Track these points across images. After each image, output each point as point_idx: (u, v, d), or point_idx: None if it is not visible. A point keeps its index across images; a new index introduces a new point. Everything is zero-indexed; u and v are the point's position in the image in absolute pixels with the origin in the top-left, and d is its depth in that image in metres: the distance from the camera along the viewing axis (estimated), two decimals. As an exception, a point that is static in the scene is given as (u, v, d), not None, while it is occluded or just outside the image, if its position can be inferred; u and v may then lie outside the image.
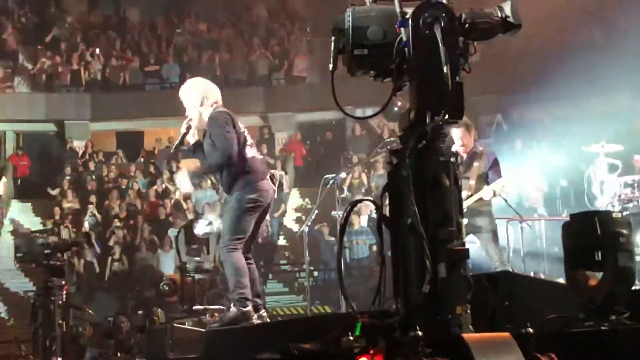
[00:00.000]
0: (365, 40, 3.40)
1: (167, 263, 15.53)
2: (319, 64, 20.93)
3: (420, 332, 2.98)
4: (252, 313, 5.76)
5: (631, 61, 15.18)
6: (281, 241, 18.11)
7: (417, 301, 3.17)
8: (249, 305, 5.74)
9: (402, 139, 3.40)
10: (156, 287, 10.32)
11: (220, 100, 6.10)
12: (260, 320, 5.82)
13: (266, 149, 19.71)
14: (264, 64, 21.91)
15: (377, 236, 3.65)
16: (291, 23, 23.11)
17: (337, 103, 3.55)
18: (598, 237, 3.76)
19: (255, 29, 23.09)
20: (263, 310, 6.06)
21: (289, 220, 18.77)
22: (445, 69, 3.20)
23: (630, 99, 17.73)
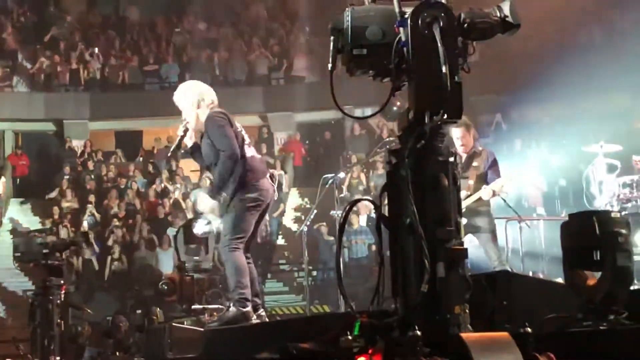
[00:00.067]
0: (364, 40, 3.40)
1: (166, 262, 15.52)
2: (318, 64, 20.94)
3: (419, 332, 2.98)
4: (251, 313, 5.75)
5: (630, 61, 15.18)
6: (280, 241, 18.10)
7: (416, 301, 3.17)
8: (248, 305, 5.74)
9: (401, 138, 3.39)
10: (155, 286, 10.31)
11: (216, 100, 6.09)
12: (259, 320, 5.81)
13: (265, 148, 19.70)
14: (263, 64, 21.90)
15: (376, 236, 3.65)
16: (290, 23, 23.10)
17: (336, 103, 3.55)
18: (597, 236, 3.76)
19: (254, 28, 23.08)
20: (262, 309, 6.06)
21: (288, 219, 18.77)
22: (444, 68, 3.20)
23: (630, 99, 17.73)
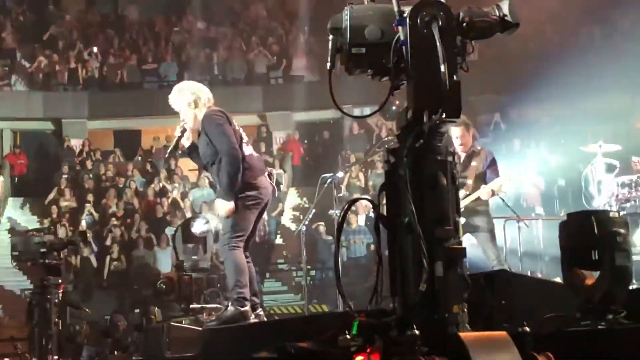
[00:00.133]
0: (363, 39, 3.39)
1: (164, 261, 15.52)
2: (317, 63, 20.93)
3: (417, 331, 2.97)
4: (249, 313, 5.74)
5: (630, 61, 15.19)
6: (279, 240, 18.10)
7: (414, 300, 3.16)
8: (247, 304, 5.73)
9: (400, 137, 3.39)
10: (153, 285, 10.28)
11: (212, 98, 6.07)
12: (257, 319, 5.81)
13: (264, 147, 19.71)
14: (262, 63, 21.89)
15: (375, 235, 3.65)
16: (289, 22, 23.09)
17: (335, 102, 3.55)
18: (595, 236, 3.76)
19: (253, 27, 23.07)
20: (260, 309, 6.05)
21: (287, 219, 18.76)
22: (442, 67, 3.19)
23: (629, 99, 17.74)
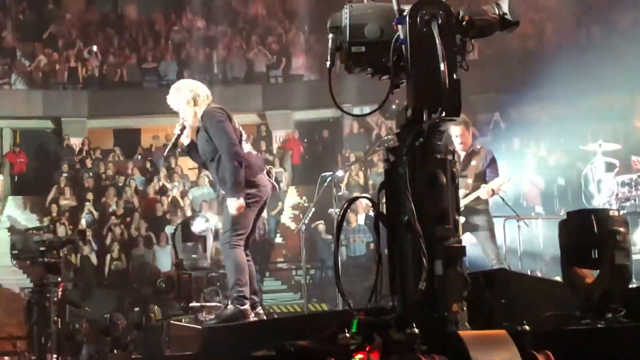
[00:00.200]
0: (362, 37, 3.39)
1: (164, 259, 15.52)
2: (317, 62, 20.93)
3: (416, 330, 2.97)
4: (249, 311, 5.74)
5: (630, 60, 15.18)
6: (278, 239, 18.10)
7: (414, 298, 3.16)
8: (246, 303, 5.73)
9: (399, 136, 3.38)
10: (153, 284, 10.29)
11: (210, 95, 6.08)
12: (257, 318, 5.81)
13: (264, 146, 19.71)
14: (261, 62, 21.89)
15: (374, 234, 3.65)
16: (289, 21, 23.09)
17: (335, 100, 3.54)
18: (595, 235, 3.75)
19: (253, 26, 23.06)
20: (260, 307, 6.05)
21: (286, 218, 18.77)
22: (442, 66, 3.19)
23: (629, 98, 17.75)
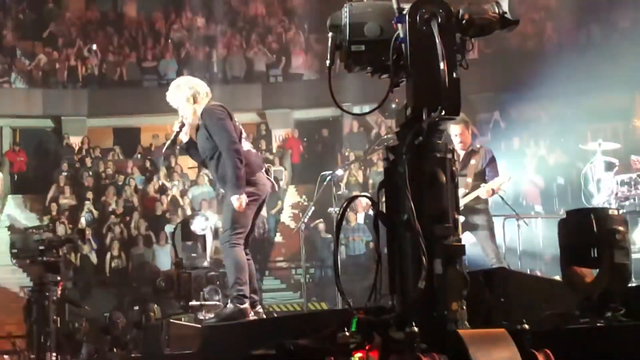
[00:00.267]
0: (362, 36, 3.39)
1: (163, 258, 15.52)
2: (317, 61, 20.93)
3: (416, 328, 2.97)
4: (249, 310, 5.74)
5: (629, 60, 15.19)
6: (278, 238, 18.09)
7: (413, 297, 3.16)
8: (246, 302, 5.72)
9: (399, 135, 3.38)
10: (152, 283, 10.30)
11: (210, 93, 6.07)
12: (257, 317, 5.81)
13: (264, 145, 19.70)
14: (261, 61, 21.87)
15: (374, 233, 3.65)
16: (289, 19, 23.08)
17: (335, 99, 3.54)
18: (594, 234, 3.76)
19: (252, 25, 23.05)
20: (259, 306, 6.05)
21: (286, 217, 18.76)
22: (442, 65, 3.19)
23: (628, 97, 17.76)
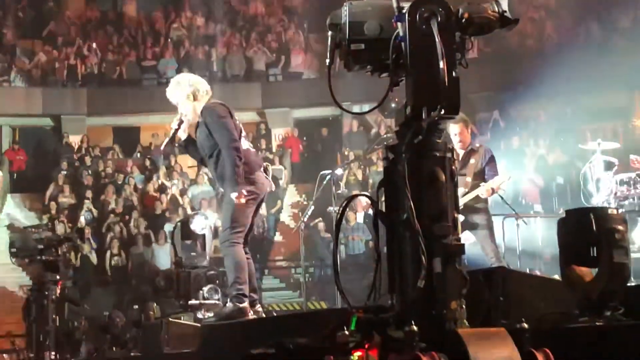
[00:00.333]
0: (362, 35, 3.38)
1: (163, 257, 15.52)
2: (316, 60, 20.92)
3: (415, 327, 2.97)
4: (248, 309, 5.74)
5: (629, 59, 15.21)
6: (277, 237, 18.10)
7: (413, 296, 3.16)
8: (245, 301, 5.73)
9: (398, 134, 3.38)
10: (152, 282, 10.30)
11: (210, 91, 6.06)
12: (256, 316, 5.81)
13: (264, 144, 19.70)
14: (260, 60, 21.87)
15: (373, 232, 3.64)
16: (288, 19, 23.08)
17: (334, 98, 3.54)
18: (593, 233, 3.75)
19: (252, 24, 23.05)
20: (259, 305, 6.05)
21: (285, 216, 18.77)
22: (441, 64, 3.18)
23: (628, 97, 17.77)
